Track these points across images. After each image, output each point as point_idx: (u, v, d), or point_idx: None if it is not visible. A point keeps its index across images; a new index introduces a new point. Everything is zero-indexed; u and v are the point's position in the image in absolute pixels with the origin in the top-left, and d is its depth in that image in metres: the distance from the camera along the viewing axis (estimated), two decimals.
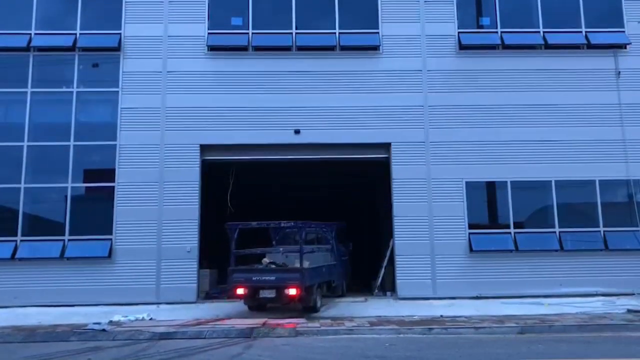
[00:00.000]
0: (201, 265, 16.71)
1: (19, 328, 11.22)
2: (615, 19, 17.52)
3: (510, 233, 16.41)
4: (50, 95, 16.85)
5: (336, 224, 17.22)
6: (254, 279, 13.85)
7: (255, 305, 14.43)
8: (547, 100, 16.93)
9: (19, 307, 14.78)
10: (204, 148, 16.66)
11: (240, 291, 13.77)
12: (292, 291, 13.39)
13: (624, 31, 17.43)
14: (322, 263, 15.49)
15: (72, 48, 16.81)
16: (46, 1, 17.27)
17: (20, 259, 15.72)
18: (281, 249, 15.49)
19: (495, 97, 16.96)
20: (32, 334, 10.58)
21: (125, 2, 17.17)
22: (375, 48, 17.20)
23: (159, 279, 15.88)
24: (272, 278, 13.70)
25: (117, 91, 16.74)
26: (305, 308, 14.01)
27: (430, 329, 10.36)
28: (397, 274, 16.26)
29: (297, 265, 13.97)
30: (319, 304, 14.37)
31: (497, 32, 17.42)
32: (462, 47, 17.20)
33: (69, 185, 16.28)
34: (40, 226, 16.27)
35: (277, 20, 17.33)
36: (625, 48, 17.33)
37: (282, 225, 14.56)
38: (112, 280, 15.74)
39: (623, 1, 17.59)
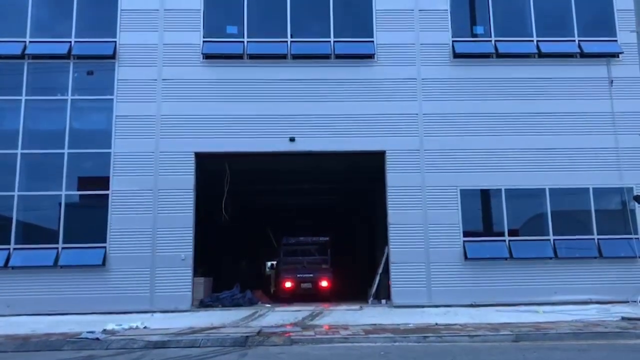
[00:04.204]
0: (195, 273, 16.66)
1: (12, 337, 11.13)
2: (607, 28, 17.67)
3: (504, 241, 16.45)
4: (44, 103, 16.82)
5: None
6: (298, 275, 20.16)
7: (290, 296, 19.50)
8: (541, 109, 17.02)
9: (12, 315, 14.68)
10: (199, 156, 16.67)
11: (288, 284, 20.04)
12: (324, 283, 19.90)
13: (616, 40, 17.57)
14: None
15: (67, 56, 16.80)
16: (41, 9, 17.26)
17: (14, 267, 15.64)
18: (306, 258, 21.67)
19: (489, 105, 17.05)
20: (25, 342, 10.49)
21: (121, 10, 17.18)
22: (370, 56, 17.26)
23: (153, 287, 15.81)
24: (311, 275, 20.08)
25: (112, 99, 16.72)
26: (324, 298, 19.12)
27: (425, 337, 10.34)
28: (392, 282, 16.26)
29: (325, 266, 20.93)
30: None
31: (491, 40, 17.52)
32: (457, 55, 17.28)
33: (63, 192, 16.22)
34: (34, 234, 16.19)
35: (272, 28, 17.38)
36: (618, 57, 17.46)
37: (321, 239, 22.08)
38: (106, 289, 15.67)
39: (615, 10, 17.72)
